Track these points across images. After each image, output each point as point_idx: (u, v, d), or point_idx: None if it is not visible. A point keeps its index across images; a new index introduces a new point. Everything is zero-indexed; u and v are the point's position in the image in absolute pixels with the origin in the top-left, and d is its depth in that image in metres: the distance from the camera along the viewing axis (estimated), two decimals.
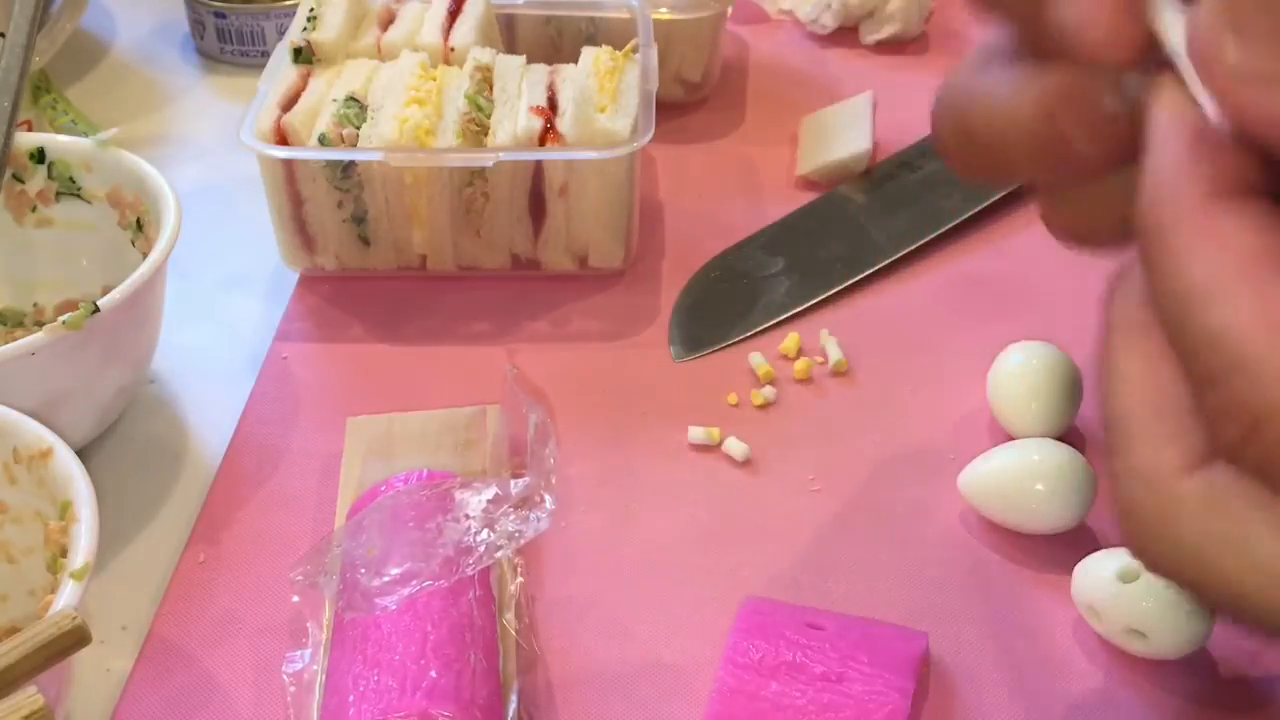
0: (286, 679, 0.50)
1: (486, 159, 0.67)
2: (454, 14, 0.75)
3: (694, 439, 0.62)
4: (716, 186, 0.81)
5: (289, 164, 0.68)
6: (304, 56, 0.72)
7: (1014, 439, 0.60)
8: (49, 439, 0.50)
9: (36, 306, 0.68)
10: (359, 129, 0.67)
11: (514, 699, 0.49)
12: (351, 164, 0.67)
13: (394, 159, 0.66)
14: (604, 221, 0.70)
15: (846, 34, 0.95)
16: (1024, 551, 0.56)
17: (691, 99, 0.88)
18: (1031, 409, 0.60)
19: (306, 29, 0.73)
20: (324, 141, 0.67)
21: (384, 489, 0.55)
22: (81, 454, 0.50)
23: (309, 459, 0.61)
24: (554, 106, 0.69)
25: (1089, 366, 0.62)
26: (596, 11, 0.81)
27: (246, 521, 0.58)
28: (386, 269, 0.72)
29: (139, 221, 0.64)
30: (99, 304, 0.55)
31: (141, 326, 0.60)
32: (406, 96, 0.68)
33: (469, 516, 0.52)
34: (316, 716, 0.49)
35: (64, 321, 0.54)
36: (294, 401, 0.64)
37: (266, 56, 0.80)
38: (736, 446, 0.61)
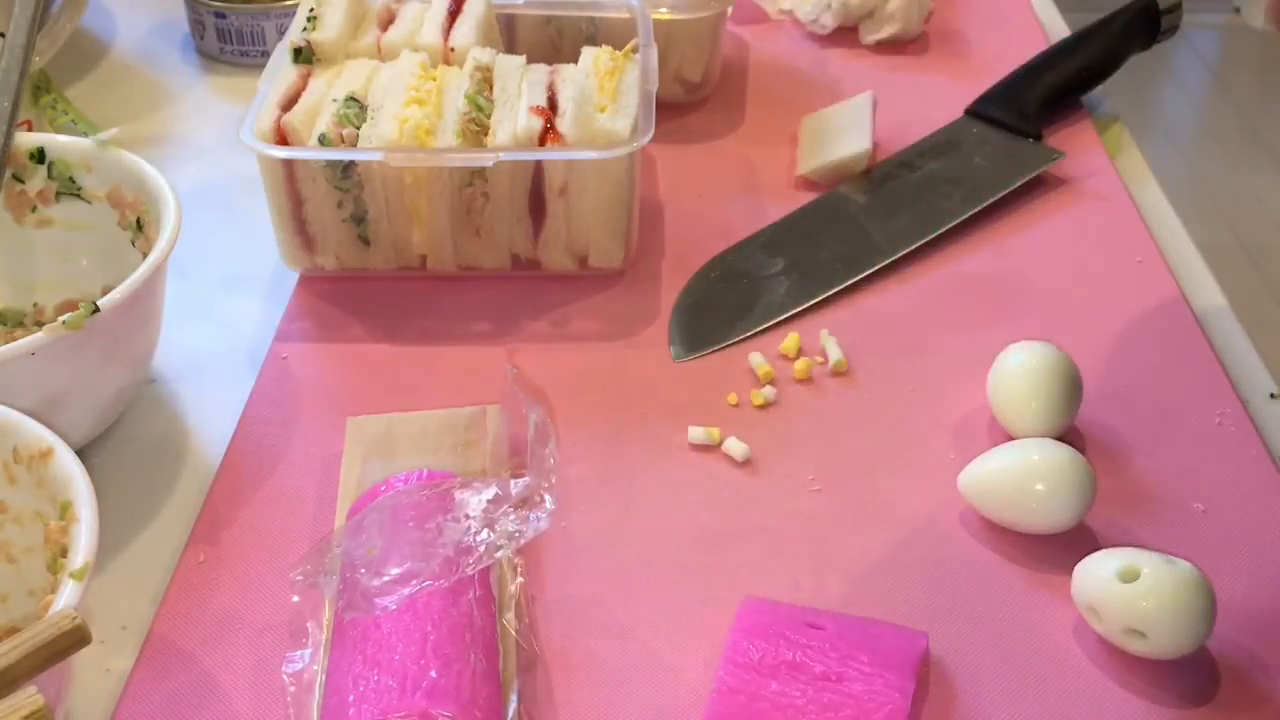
0: (286, 679, 0.50)
1: (486, 159, 0.67)
2: (454, 14, 0.75)
3: (694, 439, 0.62)
4: (716, 186, 0.81)
5: (289, 164, 0.68)
6: (304, 56, 0.72)
7: (1014, 439, 0.60)
8: (49, 439, 0.50)
9: (36, 306, 0.68)
10: (359, 129, 0.67)
11: (514, 699, 0.49)
12: (351, 164, 0.67)
13: (394, 159, 0.66)
14: (604, 221, 0.70)
15: (846, 34, 0.95)
16: (1024, 551, 0.56)
17: (691, 99, 0.88)
18: (1031, 409, 0.60)
19: (306, 29, 0.73)
20: (324, 141, 0.67)
21: (384, 489, 0.55)
22: (81, 454, 0.50)
23: (309, 459, 0.61)
24: (554, 106, 0.69)
25: (1089, 366, 0.62)
26: (596, 11, 0.81)
27: (246, 521, 0.58)
28: (386, 269, 0.72)
29: (139, 221, 0.64)
30: (99, 304, 0.55)
31: (141, 326, 0.60)
32: (406, 96, 0.68)
33: (469, 516, 0.52)
34: (316, 716, 0.49)
35: (64, 321, 0.54)
36: (294, 401, 0.64)
37: (266, 56, 0.80)
38: (736, 446, 0.61)
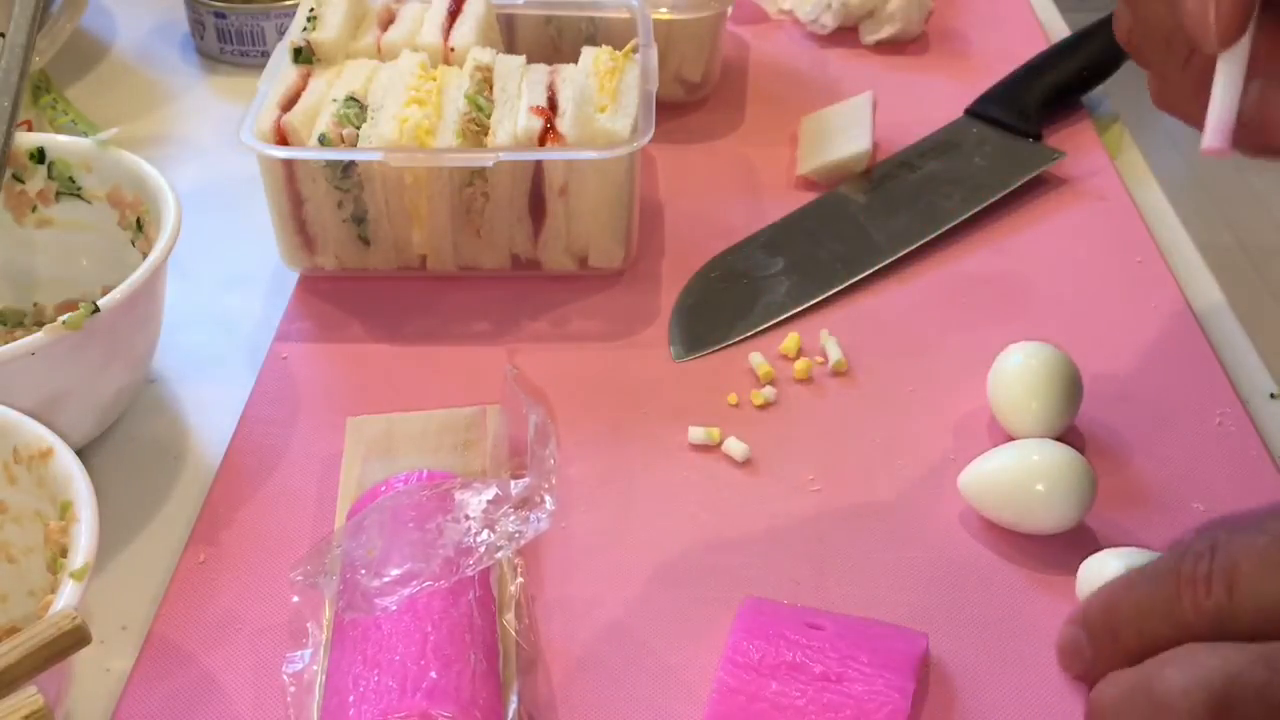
0: (286, 679, 0.50)
1: (486, 159, 0.67)
2: (454, 14, 0.75)
3: (694, 439, 0.62)
4: (716, 186, 0.81)
5: (289, 164, 0.68)
6: (304, 56, 0.72)
7: (1014, 439, 0.60)
8: (49, 439, 0.50)
9: (36, 306, 0.68)
10: (359, 129, 0.67)
11: (514, 699, 0.49)
12: (351, 164, 0.67)
13: (394, 159, 0.66)
14: (604, 221, 0.70)
15: (846, 34, 0.95)
16: (1024, 551, 0.56)
17: (691, 99, 0.88)
18: (1031, 409, 0.60)
19: (306, 29, 0.73)
20: (324, 141, 0.67)
21: (384, 489, 0.55)
22: (81, 454, 0.50)
23: (309, 459, 0.61)
24: (554, 106, 0.69)
25: (1089, 366, 0.62)
26: (596, 11, 0.81)
27: (246, 521, 0.58)
28: (386, 269, 0.72)
29: (139, 221, 0.64)
30: (99, 304, 0.55)
31: (141, 326, 0.60)
32: (406, 96, 0.68)
33: (469, 517, 0.52)
34: (316, 716, 0.49)
35: (64, 321, 0.54)
36: (294, 401, 0.64)
37: (266, 56, 0.80)
38: (736, 446, 0.61)
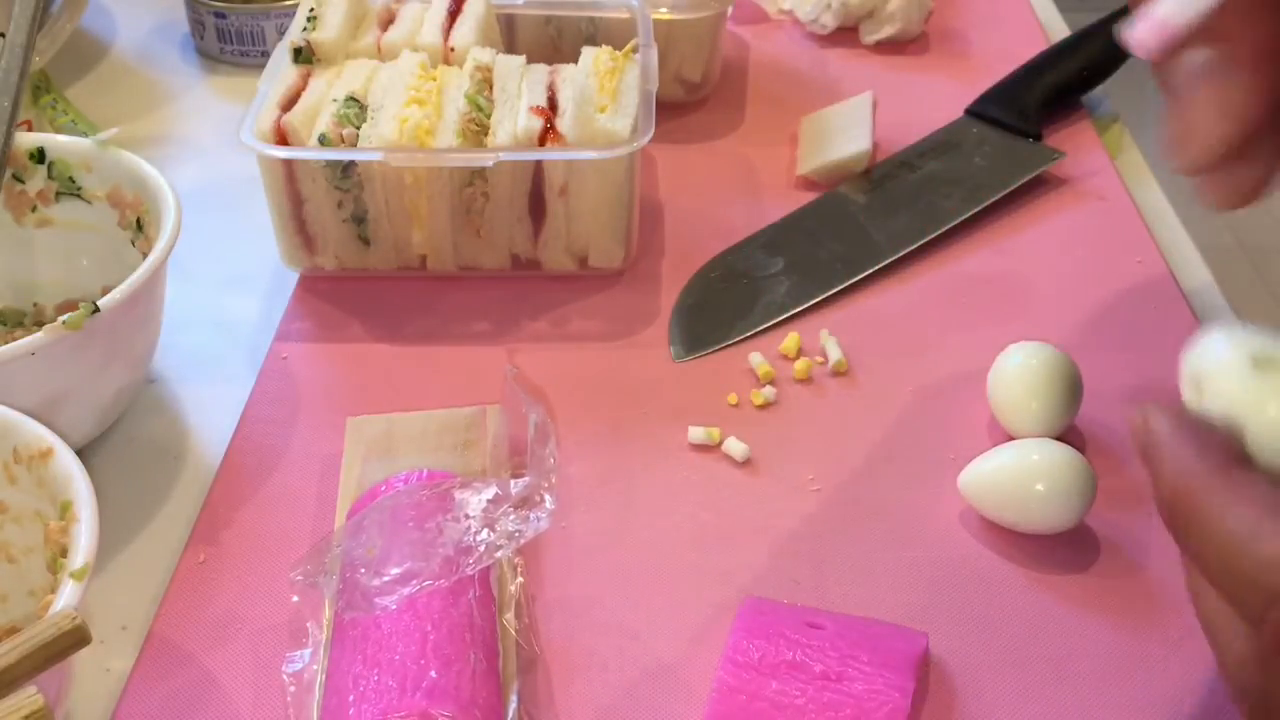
0: (286, 679, 0.50)
1: (486, 159, 0.67)
2: (454, 14, 0.75)
3: (694, 439, 0.62)
4: (716, 186, 0.81)
5: (289, 164, 0.68)
6: (304, 56, 0.72)
7: (1014, 439, 0.60)
8: (49, 439, 0.50)
9: (36, 306, 0.68)
10: (359, 129, 0.67)
11: (514, 699, 0.49)
12: (351, 164, 0.67)
13: (394, 159, 0.66)
14: (604, 221, 0.70)
15: (846, 34, 0.95)
16: (1024, 551, 0.56)
17: (691, 99, 0.88)
18: (1031, 409, 0.60)
19: (306, 29, 0.73)
20: (324, 141, 0.67)
21: (384, 489, 0.55)
22: (81, 454, 0.50)
23: (309, 459, 0.61)
24: (554, 106, 0.69)
25: (1088, 366, 0.62)
26: (596, 11, 0.81)
27: (246, 521, 0.58)
28: (386, 269, 0.72)
29: (139, 221, 0.64)
30: (99, 304, 0.55)
31: (141, 326, 0.60)
32: (406, 96, 0.68)
33: (469, 516, 0.52)
34: (316, 716, 0.49)
35: (64, 321, 0.54)
36: (294, 401, 0.64)
37: (266, 56, 0.80)
38: (736, 446, 0.61)
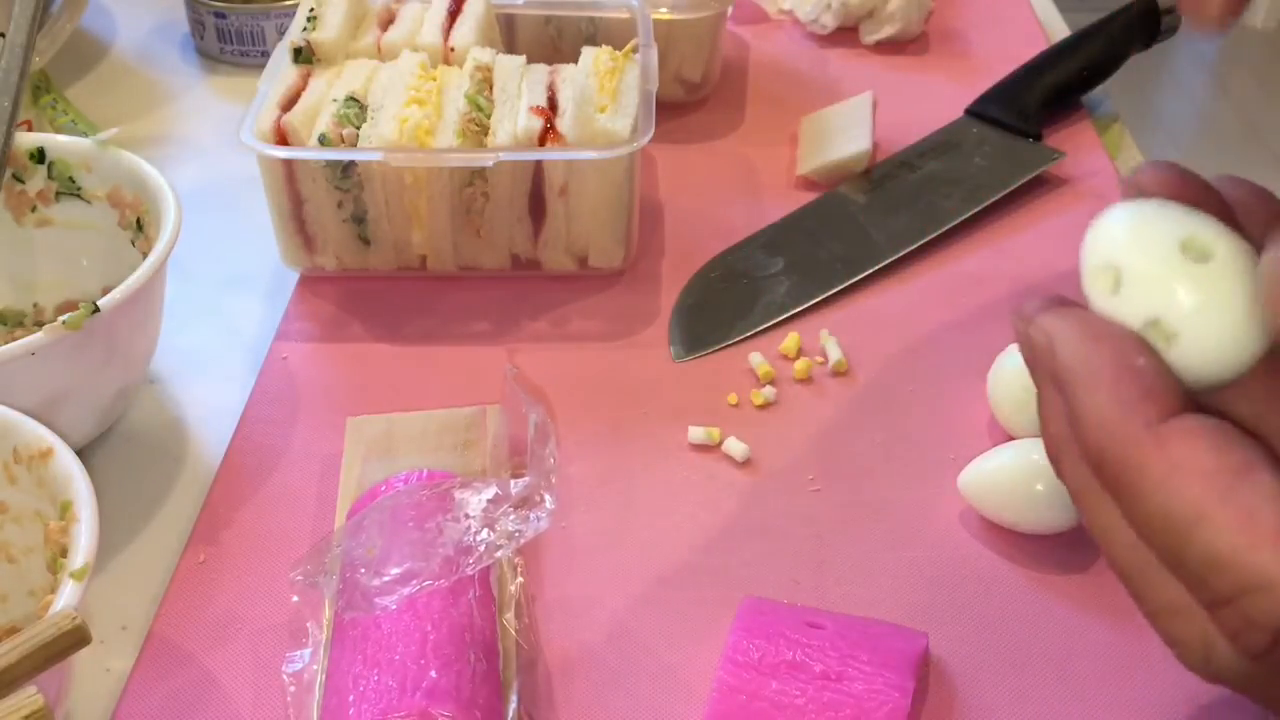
0: (286, 679, 0.50)
1: (486, 159, 0.67)
2: (454, 14, 0.75)
3: (694, 439, 0.62)
4: (716, 186, 0.81)
5: (289, 164, 0.68)
6: (304, 56, 0.72)
7: (1014, 439, 0.60)
8: (49, 439, 0.50)
9: (36, 306, 0.68)
10: (359, 129, 0.67)
11: (514, 699, 0.49)
12: (351, 164, 0.67)
13: (394, 159, 0.66)
14: (604, 221, 0.70)
15: (846, 34, 0.95)
16: (1024, 551, 0.56)
17: (691, 99, 0.88)
18: (1031, 409, 0.59)
19: (306, 29, 0.73)
20: (324, 141, 0.67)
21: (384, 489, 0.55)
22: (81, 454, 0.50)
23: (309, 459, 0.61)
24: (554, 106, 0.69)
25: None
26: (596, 11, 0.81)
27: (246, 521, 0.58)
28: (386, 269, 0.72)
29: (139, 221, 0.64)
30: (99, 304, 0.55)
31: (141, 326, 0.60)
32: (406, 96, 0.68)
33: (469, 516, 0.52)
34: (316, 716, 0.49)
35: (64, 321, 0.54)
36: (294, 401, 0.64)
37: (266, 56, 0.80)
38: (736, 446, 0.61)
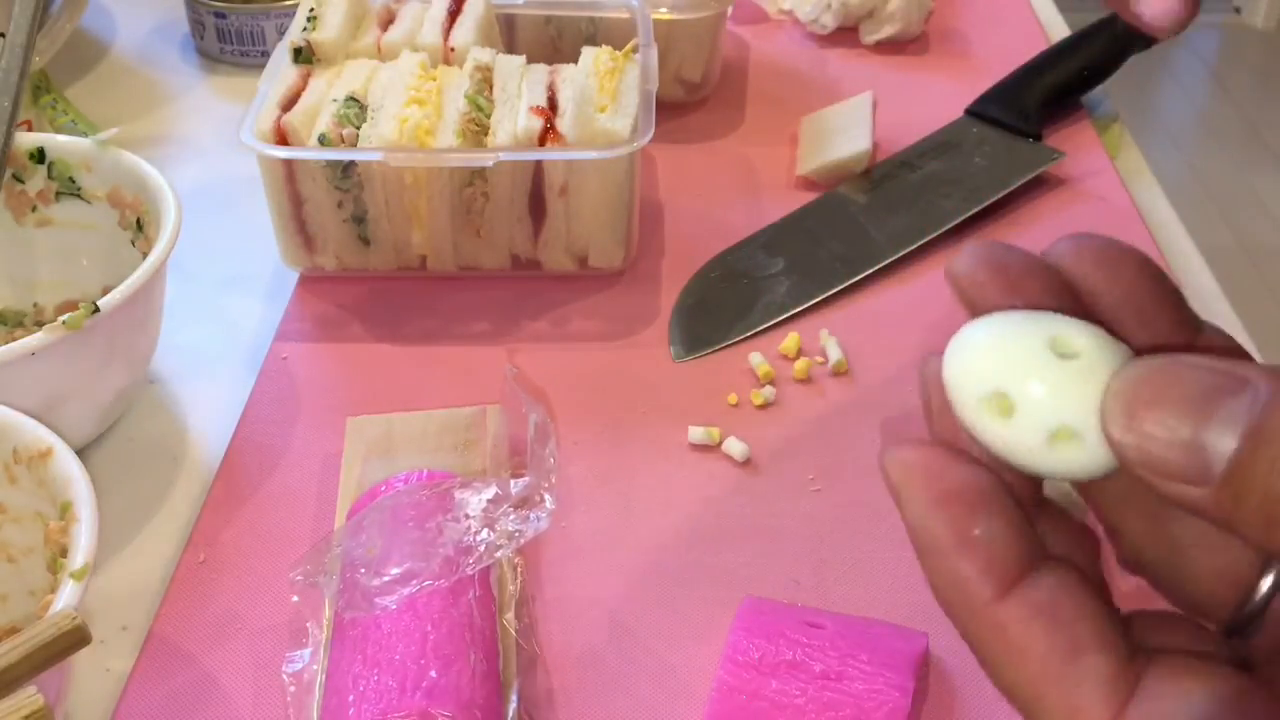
0: (286, 679, 0.50)
1: (486, 159, 0.67)
2: (454, 14, 0.75)
3: (694, 439, 0.62)
4: (716, 186, 0.81)
5: (289, 164, 0.68)
6: (304, 56, 0.72)
7: None
8: (49, 439, 0.50)
9: (36, 306, 0.68)
10: (359, 129, 0.67)
11: (514, 699, 0.49)
12: (351, 164, 0.67)
13: (394, 159, 0.66)
14: (604, 221, 0.70)
15: (846, 34, 0.95)
16: None
17: (691, 99, 0.88)
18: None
19: (306, 29, 0.73)
20: (324, 141, 0.67)
21: (384, 489, 0.55)
22: (81, 454, 0.50)
23: (309, 459, 0.61)
24: (554, 106, 0.69)
25: None
26: (596, 11, 0.81)
27: (246, 521, 0.58)
28: (386, 269, 0.72)
29: (139, 221, 0.64)
30: (99, 304, 0.55)
31: (141, 327, 0.60)
32: (406, 96, 0.68)
33: (469, 516, 0.52)
34: (316, 716, 0.49)
35: (64, 321, 0.54)
36: (294, 401, 0.64)
37: (266, 56, 0.80)
38: (736, 446, 0.61)
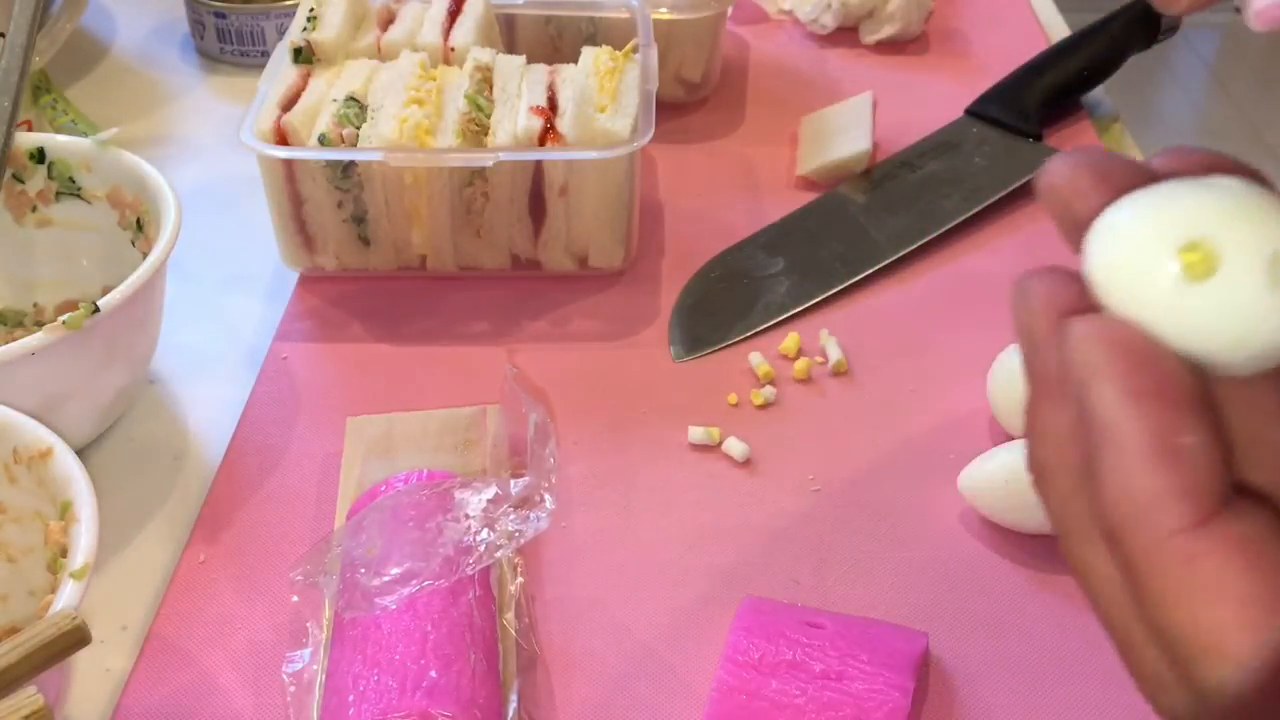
0: (286, 679, 0.50)
1: (486, 159, 0.67)
2: (454, 14, 0.75)
3: (694, 439, 0.62)
4: (716, 186, 0.81)
5: (289, 164, 0.68)
6: (304, 56, 0.72)
7: (1014, 439, 0.60)
8: (49, 439, 0.50)
9: (36, 306, 0.68)
10: (359, 129, 0.67)
11: (514, 699, 0.49)
12: (351, 164, 0.67)
13: (394, 159, 0.66)
14: (604, 221, 0.70)
15: (846, 34, 0.95)
16: (1024, 551, 0.56)
17: (691, 99, 0.88)
18: None
19: (306, 29, 0.73)
20: (324, 141, 0.66)
21: (384, 489, 0.55)
22: (81, 454, 0.50)
23: (309, 459, 0.61)
24: (554, 106, 0.69)
25: None
26: (596, 11, 0.81)
27: (246, 521, 0.58)
28: (386, 269, 0.72)
29: (139, 221, 0.64)
30: (99, 304, 0.55)
31: (141, 326, 0.60)
32: (406, 96, 0.68)
33: (469, 516, 0.52)
34: (316, 716, 0.49)
35: (64, 321, 0.54)
36: (294, 401, 0.64)
37: (266, 56, 0.80)
38: (736, 446, 0.61)
